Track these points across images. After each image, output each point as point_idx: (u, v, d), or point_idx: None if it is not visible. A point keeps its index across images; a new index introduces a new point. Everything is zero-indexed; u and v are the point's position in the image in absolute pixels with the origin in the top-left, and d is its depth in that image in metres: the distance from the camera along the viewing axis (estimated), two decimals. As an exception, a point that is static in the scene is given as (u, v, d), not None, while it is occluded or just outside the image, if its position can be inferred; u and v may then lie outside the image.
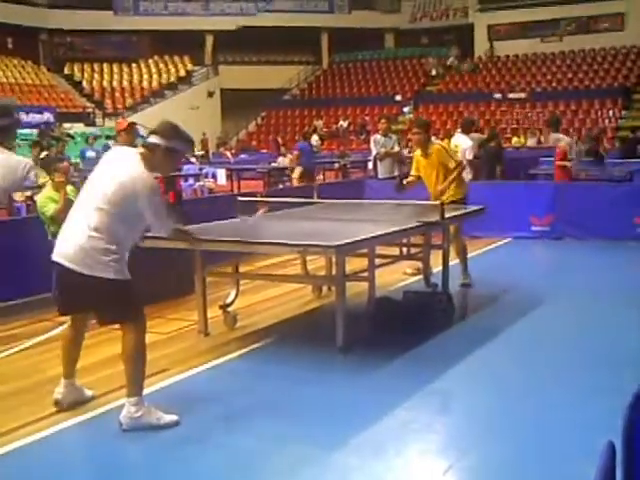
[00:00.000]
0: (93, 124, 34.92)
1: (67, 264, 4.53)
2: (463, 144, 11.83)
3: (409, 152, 20.38)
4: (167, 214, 4.89)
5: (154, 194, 4.64)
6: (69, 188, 8.04)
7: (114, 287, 4.52)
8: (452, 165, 8.26)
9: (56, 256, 4.62)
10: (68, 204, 7.83)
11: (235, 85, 40.66)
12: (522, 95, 37.61)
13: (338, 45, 44.75)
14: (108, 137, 28.31)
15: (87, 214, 4.54)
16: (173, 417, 4.64)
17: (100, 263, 4.47)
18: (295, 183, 16.50)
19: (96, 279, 4.47)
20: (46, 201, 7.89)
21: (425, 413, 4.89)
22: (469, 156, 11.71)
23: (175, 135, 4.78)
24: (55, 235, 7.78)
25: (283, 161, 21.51)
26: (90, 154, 21.05)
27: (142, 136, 26.78)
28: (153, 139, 4.72)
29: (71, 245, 4.54)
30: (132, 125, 8.78)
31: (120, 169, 4.60)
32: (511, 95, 37.74)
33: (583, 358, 5.92)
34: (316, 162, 17.05)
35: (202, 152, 24.78)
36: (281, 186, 17.68)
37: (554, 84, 38.13)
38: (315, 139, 32.78)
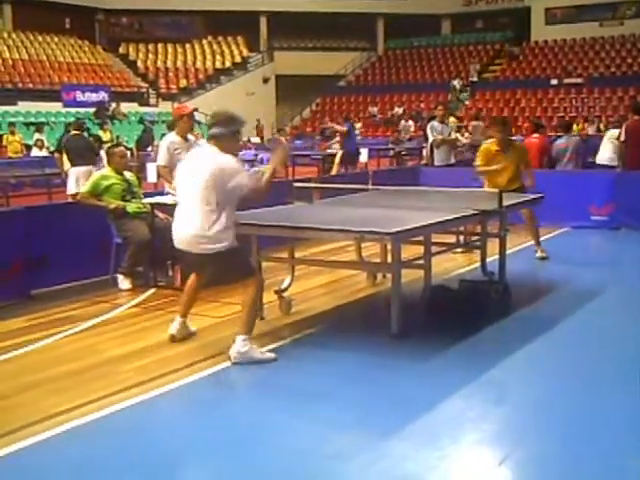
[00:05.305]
0: (147, 104, 35.37)
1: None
2: None
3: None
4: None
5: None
6: (127, 173, 8.13)
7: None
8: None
9: None
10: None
11: (290, 71, 40.70)
12: (579, 80, 36.97)
13: (393, 31, 44.51)
14: (164, 122, 28.59)
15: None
16: (272, 355, 5.58)
17: None
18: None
19: None
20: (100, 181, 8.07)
21: (480, 402, 4.85)
22: None
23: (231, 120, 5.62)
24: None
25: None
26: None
27: (199, 122, 26.92)
28: (216, 129, 5.51)
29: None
30: (193, 111, 8.81)
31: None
32: (567, 80, 37.11)
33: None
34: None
35: (257, 139, 24.87)
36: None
37: (612, 69, 37.38)
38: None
